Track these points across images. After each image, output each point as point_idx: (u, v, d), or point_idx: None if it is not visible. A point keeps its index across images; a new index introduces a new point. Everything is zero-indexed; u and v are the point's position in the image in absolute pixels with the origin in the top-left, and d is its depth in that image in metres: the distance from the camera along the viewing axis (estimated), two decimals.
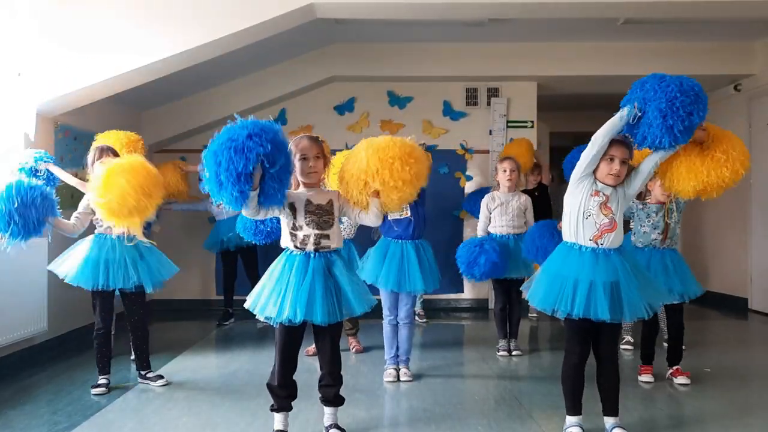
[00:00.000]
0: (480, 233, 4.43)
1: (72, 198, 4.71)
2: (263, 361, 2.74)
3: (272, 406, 2.74)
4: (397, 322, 3.81)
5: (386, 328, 3.84)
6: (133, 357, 3.86)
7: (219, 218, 5.67)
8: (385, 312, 3.82)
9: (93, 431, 2.92)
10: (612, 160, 2.68)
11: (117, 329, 3.96)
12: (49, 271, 4.24)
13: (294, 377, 2.74)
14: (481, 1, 4.44)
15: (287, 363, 2.70)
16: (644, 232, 3.64)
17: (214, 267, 6.41)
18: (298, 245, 2.65)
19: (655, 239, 3.61)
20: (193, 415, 3.13)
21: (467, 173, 6.54)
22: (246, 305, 2.67)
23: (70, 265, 3.49)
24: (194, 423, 3.02)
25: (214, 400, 3.39)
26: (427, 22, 5.30)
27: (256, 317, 2.63)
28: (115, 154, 3.67)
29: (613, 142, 2.69)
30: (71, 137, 4.67)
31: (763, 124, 6.00)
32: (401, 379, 3.77)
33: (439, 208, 6.09)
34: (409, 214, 3.73)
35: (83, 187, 3.83)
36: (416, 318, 5.83)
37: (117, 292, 3.60)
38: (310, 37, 5.51)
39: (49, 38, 4.18)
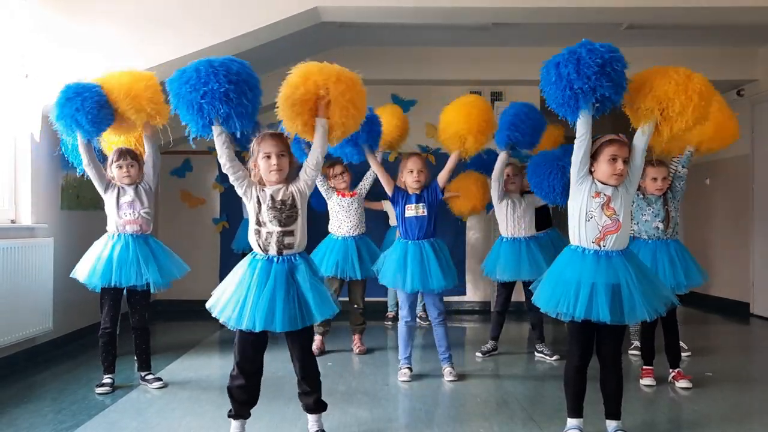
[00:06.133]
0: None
1: (77, 198, 4.75)
2: (267, 362, 2.74)
3: (230, 412, 2.69)
4: (415, 323, 3.85)
5: (402, 329, 3.85)
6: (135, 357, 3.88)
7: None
8: (404, 313, 3.83)
9: (97, 430, 2.94)
10: (615, 159, 2.65)
11: (120, 329, 3.97)
12: (55, 271, 4.29)
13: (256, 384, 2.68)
14: (486, 5, 4.46)
15: (245, 367, 2.62)
16: (645, 220, 3.62)
17: (218, 268, 6.43)
18: (262, 244, 2.60)
19: (657, 227, 3.60)
20: (197, 416, 3.15)
21: None
22: (207, 305, 2.60)
23: (85, 267, 3.50)
24: (197, 423, 3.04)
25: (218, 400, 3.39)
26: (431, 26, 5.31)
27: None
28: (134, 157, 3.67)
29: (614, 142, 2.67)
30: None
31: (766, 129, 6.01)
32: (447, 378, 3.77)
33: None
34: (425, 213, 3.78)
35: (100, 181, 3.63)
36: (418, 320, 5.85)
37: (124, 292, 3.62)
38: (314, 40, 5.52)
39: (54, 39, 4.21)
